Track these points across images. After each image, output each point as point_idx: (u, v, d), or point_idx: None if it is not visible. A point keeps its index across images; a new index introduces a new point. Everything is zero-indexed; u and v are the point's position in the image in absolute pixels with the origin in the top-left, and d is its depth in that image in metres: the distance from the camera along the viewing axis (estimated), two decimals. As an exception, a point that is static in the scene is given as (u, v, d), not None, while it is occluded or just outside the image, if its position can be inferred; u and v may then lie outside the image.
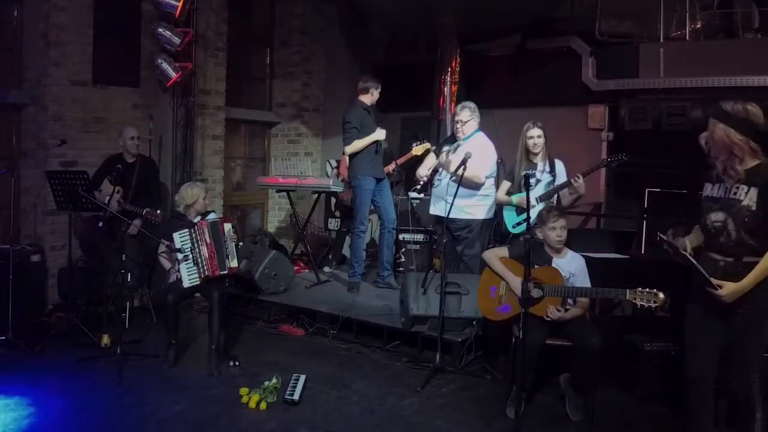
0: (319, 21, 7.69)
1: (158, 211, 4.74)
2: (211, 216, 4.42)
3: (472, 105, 4.81)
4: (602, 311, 4.59)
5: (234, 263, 4.29)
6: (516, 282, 3.64)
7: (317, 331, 4.94)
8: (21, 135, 5.44)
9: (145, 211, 4.69)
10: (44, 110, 5.25)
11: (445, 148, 4.90)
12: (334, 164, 7.00)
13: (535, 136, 4.41)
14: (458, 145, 4.74)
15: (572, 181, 4.26)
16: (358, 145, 5.24)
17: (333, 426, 3.42)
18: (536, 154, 4.45)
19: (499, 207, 4.81)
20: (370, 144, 5.28)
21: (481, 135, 4.81)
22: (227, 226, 4.29)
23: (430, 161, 5.07)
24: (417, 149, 5.65)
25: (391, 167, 5.94)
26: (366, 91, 5.35)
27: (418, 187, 5.01)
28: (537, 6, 6.36)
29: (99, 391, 3.76)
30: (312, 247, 6.73)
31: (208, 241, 4.19)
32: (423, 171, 5.00)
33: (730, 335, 2.77)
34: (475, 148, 4.56)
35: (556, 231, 3.64)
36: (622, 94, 6.09)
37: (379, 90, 5.40)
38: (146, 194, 5.08)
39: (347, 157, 6.00)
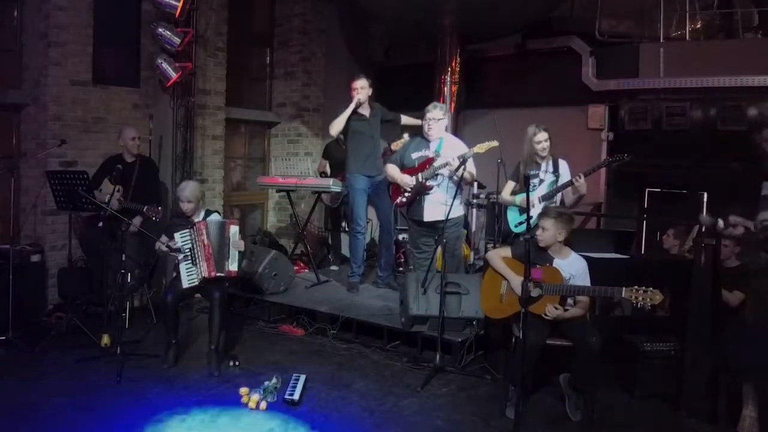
0: (319, 21, 7.68)
1: (158, 208, 4.73)
2: (214, 216, 4.42)
3: (444, 106, 4.83)
4: (602, 311, 4.60)
5: (234, 267, 4.27)
6: (516, 280, 3.64)
7: (317, 331, 4.94)
8: (21, 135, 5.44)
9: (146, 207, 4.69)
10: (44, 110, 5.25)
11: (417, 155, 4.79)
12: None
13: (542, 140, 4.45)
14: (436, 147, 4.72)
15: (574, 180, 4.29)
16: (335, 123, 5.22)
17: (333, 426, 3.42)
18: (543, 157, 4.47)
19: (501, 207, 4.83)
20: (357, 135, 5.26)
21: (450, 134, 4.89)
22: (233, 229, 4.29)
23: (393, 171, 4.87)
24: (396, 144, 5.62)
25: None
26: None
27: (405, 199, 4.83)
28: (537, 6, 6.36)
29: (99, 391, 3.76)
30: (312, 247, 6.73)
31: (206, 242, 4.19)
32: (408, 179, 4.75)
33: None
34: (458, 147, 4.63)
35: (537, 230, 3.68)
36: (622, 94, 6.10)
37: (356, 83, 5.19)
38: (145, 194, 5.06)
39: (324, 160, 6.52)
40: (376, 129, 5.37)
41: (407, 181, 4.75)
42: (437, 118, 4.69)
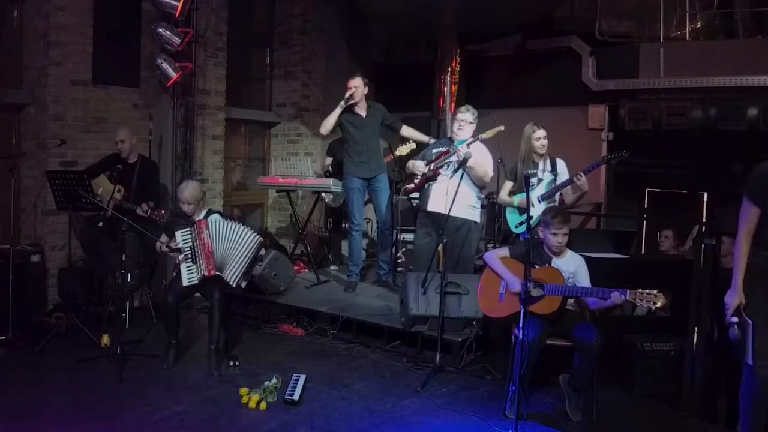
0: (319, 21, 7.68)
1: (162, 212, 4.74)
2: (215, 216, 4.41)
3: (476, 111, 4.80)
4: (602, 311, 4.59)
5: (244, 284, 4.32)
6: (513, 280, 3.65)
7: (317, 331, 4.94)
8: (21, 135, 5.43)
9: (150, 212, 4.69)
10: (44, 110, 5.25)
11: (436, 150, 4.80)
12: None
13: (541, 137, 4.46)
14: (456, 143, 4.71)
15: (575, 179, 4.28)
16: (325, 122, 5.20)
17: (333, 426, 3.42)
18: (541, 155, 4.47)
19: (501, 207, 4.82)
20: (352, 136, 5.26)
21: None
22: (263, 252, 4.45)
23: (412, 163, 4.89)
24: (401, 149, 5.61)
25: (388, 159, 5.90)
26: None
27: (412, 185, 4.85)
28: (537, 6, 6.36)
29: (99, 391, 3.76)
30: (312, 247, 6.73)
31: (206, 240, 4.18)
32: (420, 164, 4.78)
33: None
34: (477, 149, 4.57)
35: (557, 237, 3.65)
36: (622, 94, 6.10)
37: (349, 82, 5.17)
38: (146, 195, 5.08)
39: (328, 158, 6.47)
40: (373, 130, 5.32)
41: (419, 166, 4.78)
42: (469, 121, 4.68)
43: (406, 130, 5.44)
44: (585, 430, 3.51)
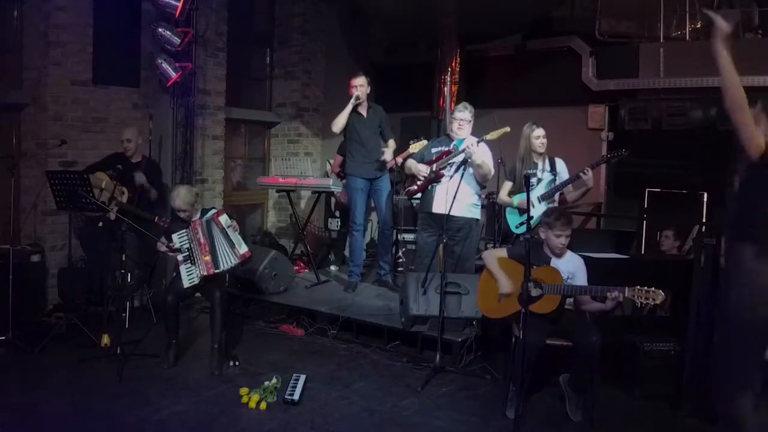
0: (319, 21, 7.69)
1: (168, 219, 4.74)
2: (211, 213, 4.41)
3: (472, 108, 4.80)
4: (602, 311, 4.59)
5: (243, 249, 4.23)
6: (506, 283, 3.67)
7: (317, 331, 4.94)
8: (21, 135, 5.44)
9: (156, 217, 4.70)
10: (44, 110, 5.26)
11: (436, 149, 4.81)
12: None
13: (541, 136, 4.47)
14: (456, 143, 4.72)
15: (582, 174, 4.29)
16: (337, 120, 5.16)
17: (333, 426, 3.42)
18: (541, 154, 4.47)
19: (501, 207, 4.82)
20: (354, 135, 5.25)
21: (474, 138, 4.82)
22: (223, 218, 4.27)
23: (411, 163, 4.89)
24: (414, 147, 5.61)
25: (392, 164, 5.92)
26: None
27: (415, 187, 4.85)
28: (537, 6, 6.37)
29: (99, 391, 3.76)
30: (312, 247, 6.73)
31: (201, 240, 4.17)
32: (422, 167, 4.79)
33: None
34: (479, 148, 4.56)
35: (561, 239, 3.65)
36: (622, 94, 6.10)
37: (354, 81, 5.17)
38: (150, 196, 5.09)
39: (339, 156, 6.28)
40: (373, 130, 5.33)
41: (421, 169, 4.76)
42: (468, 119, 4.67)
43: (390, 146, 5.32)
44: (585, 430, 3.51)
